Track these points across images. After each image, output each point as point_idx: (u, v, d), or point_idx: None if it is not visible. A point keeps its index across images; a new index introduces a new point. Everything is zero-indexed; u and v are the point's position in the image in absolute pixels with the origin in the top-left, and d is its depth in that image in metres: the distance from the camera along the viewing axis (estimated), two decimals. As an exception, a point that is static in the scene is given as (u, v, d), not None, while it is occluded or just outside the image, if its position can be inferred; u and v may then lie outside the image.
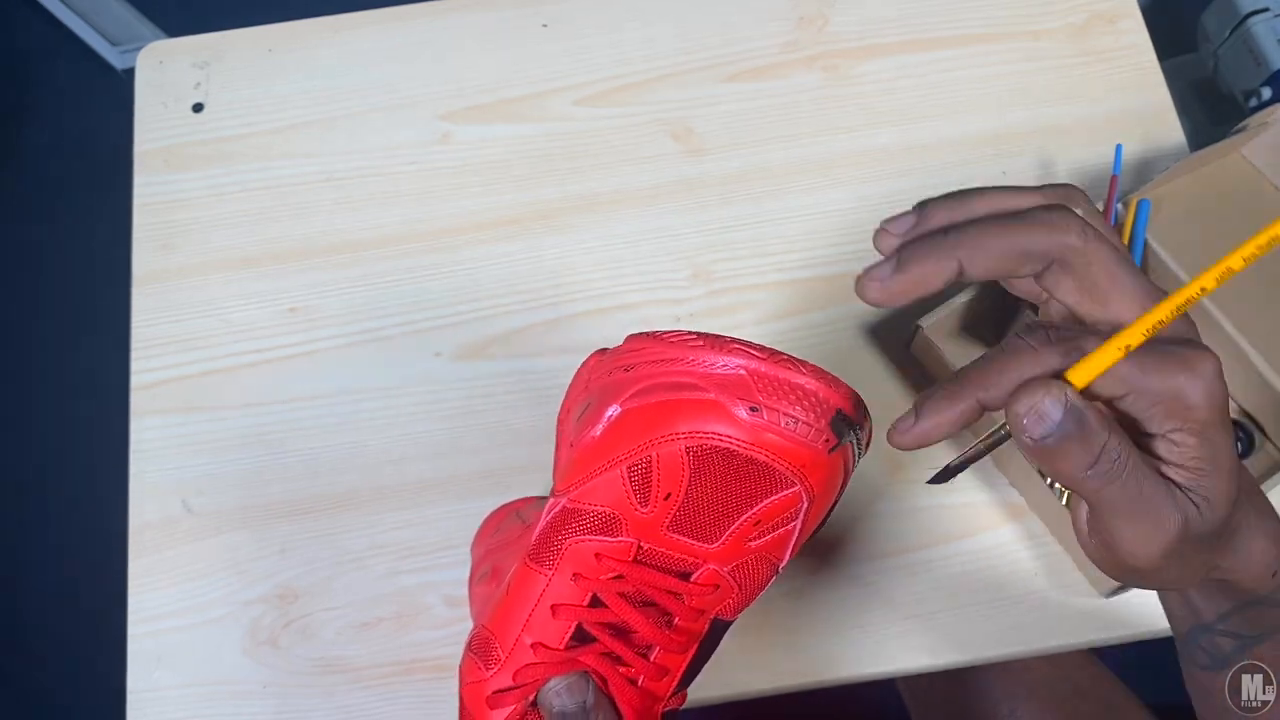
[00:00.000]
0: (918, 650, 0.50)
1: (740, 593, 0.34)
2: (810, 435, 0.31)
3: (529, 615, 0.35)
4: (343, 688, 0.50)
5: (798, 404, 0.31)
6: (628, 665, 0.34)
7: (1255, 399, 0.52)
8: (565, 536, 0.34)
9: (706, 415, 0.31)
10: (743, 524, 0.32)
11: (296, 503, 0.54)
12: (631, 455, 0.33)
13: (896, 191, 0.59)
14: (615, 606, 0.34)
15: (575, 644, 0.34)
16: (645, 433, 0.32)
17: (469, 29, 0.64)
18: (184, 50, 0.65)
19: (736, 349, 0.32)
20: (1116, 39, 0.62)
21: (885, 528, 0.52)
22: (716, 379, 0.31)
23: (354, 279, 0.58)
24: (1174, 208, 0.56)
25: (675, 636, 0.34)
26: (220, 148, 0.62)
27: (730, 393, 0.31)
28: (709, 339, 0.33)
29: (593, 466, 0.34)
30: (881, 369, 0.55)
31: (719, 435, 0.31)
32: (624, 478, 0.33)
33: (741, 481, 0.31)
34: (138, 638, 0.52)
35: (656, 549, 0.33)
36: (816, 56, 0.63)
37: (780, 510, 0.32)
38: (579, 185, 0.60)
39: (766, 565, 0.34)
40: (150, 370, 0.57)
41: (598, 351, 0.38)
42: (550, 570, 0.34)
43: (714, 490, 0.32)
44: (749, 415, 0.31)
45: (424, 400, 0.55)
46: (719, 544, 0.33)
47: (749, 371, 0.31)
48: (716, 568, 0.33)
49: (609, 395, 0.35)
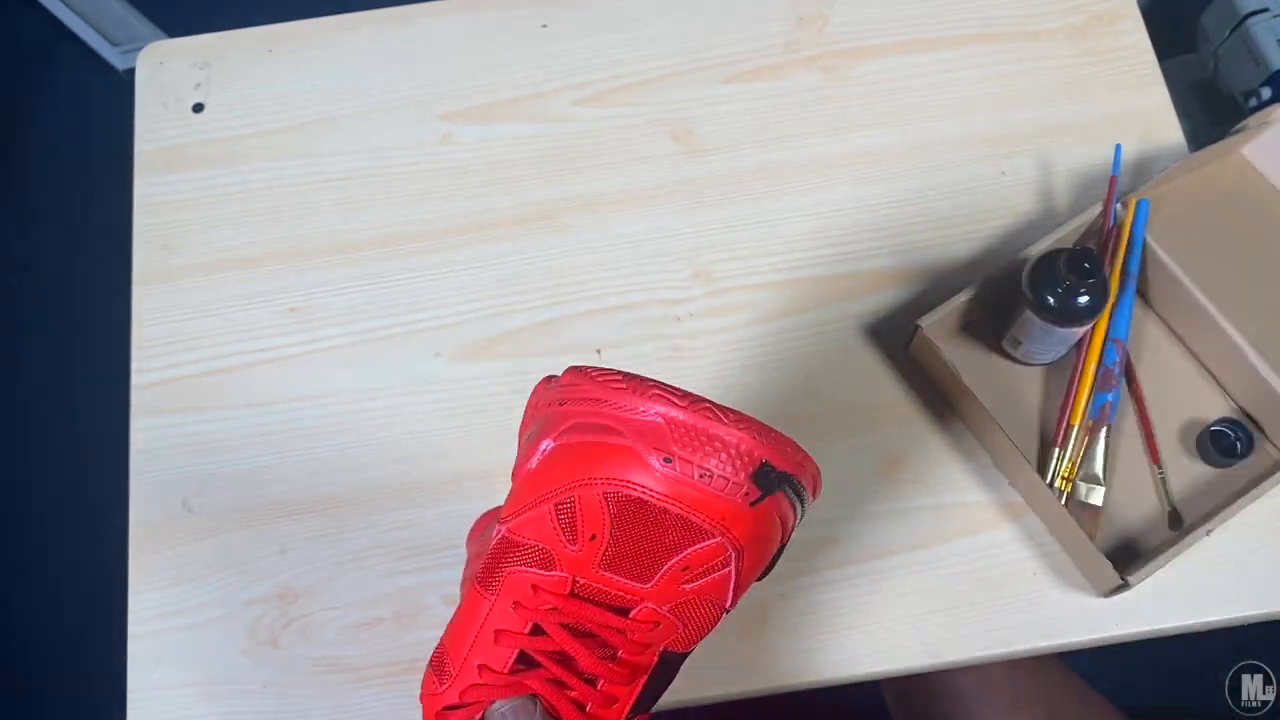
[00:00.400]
0: (917, 650, 0.50)
1: (685, 629, 0.34)
2: (726, 489, 0.30)
3: (475, 637, 0.35)
4: (343, 688, 0.50)
5: (713, 455, 0.30)
6: (572, 689, 0.34)
7: (1255, 399, 0.52)
8: (505, 565, 0.34)
9: (622, 463, 0.31)
10: (671, 568, 0.32)
11: (296, 503, 0.54)
12: (558, 494, 0.32)
13: (896, 192, 0.59)
14: (556, 636, 0.33)
15: (520, 668, 0.34)
16: (569, 474, 0.32)
17: (469, 29, 0.64)
18: (184, 50, 0.65)
19: (657, 395, 0.31)
20: (1116, 39, 0.62)
21: (881, 527, 0.52)
22: (635, 425, 0.31)
23: (354, 279, 0.58)
24: (1173, 208, 0.56)
25: (619, 669, 0.34)
26: (220, 148, 0.62)
27: (646, 441, 0.30)
28: (632, 382, 0.32)
29: (527, 499, 0.34)
30: (881, 369, 0.55)
31: (633, 484, 0.30)
32: (552, 515, 0.32)
33: (661, 530, 0.31)
34: (138, 638, 0.52)
35: (591, 584, 0.33)
36: (816, 57, 0.63)
37: (707, 559, 0.31)
38: (579, 185, 0.60)
39: (709, 606, 0.33)
40: (151, 370, 0.57)
41: (546, 378, 0.37)
42: (493, 596, 0.34)
43: (637, 535, 0.31)
44: (662, 466, 0.30)
45: (424, 400, 0.55)
46: (652, 584, 0.32)
47: (665, 420, 0.30)
48: (654, 606, 0.33)
49: (546, 428, 0.34)
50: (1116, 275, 0.52)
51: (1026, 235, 0.57)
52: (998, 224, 0.58)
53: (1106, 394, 0.51)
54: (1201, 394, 0.54)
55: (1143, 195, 0.53)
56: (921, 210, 0.59)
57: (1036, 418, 0.54)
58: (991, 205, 0.59)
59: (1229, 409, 0.53)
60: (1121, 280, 0.52)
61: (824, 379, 0.55)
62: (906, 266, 0.57)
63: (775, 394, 0.55)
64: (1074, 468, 0.51)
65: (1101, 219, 0.53)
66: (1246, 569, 0.50)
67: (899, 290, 0.57)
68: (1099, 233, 0.54)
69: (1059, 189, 0.59)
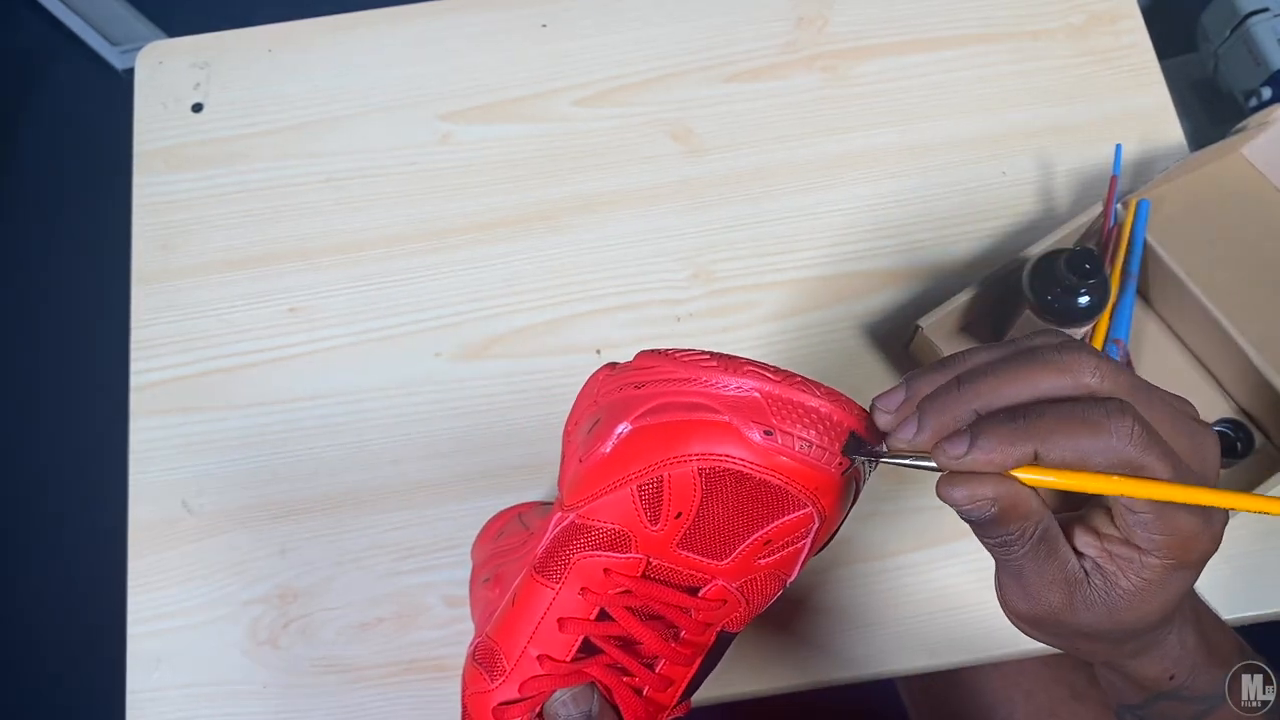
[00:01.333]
0: (918, 650, 0.50)
1: (747, 606, 0.34)
2: (824, 458, 0.31)
3: (535, 628, 0.35)
4: (343, 688, 0.50)
5: (811, 427, 0.30)
6: (633, 675, 0.35)
7: (1255, 399, 0.52)
8: (573, 551, 0.34)
9: (720, 437, 0.31)
10: (753, 542, 0.32)
11: (296, 503, 0.54)
12: (643, 475, 0.32)
13: (896, 192, 0.59)
14: (622, 620, 0.34)
15: (581, 656, 0.34)
16: (657, 453, 0.32)
17: (469, 29, 0.64)
18: (184, 50, 0.65)
19: (750, 370, 0.32)
20: (1116, 39, 0.62)
21: (887, 528, 0.52)
22: (730, 400, 0.31)
23: (354, 279, 0.58)
24: (1174, 207, 0.56)
25: (681, 649, 0.34)
26: (220, 148, 0.62)
27: (744, 415, 0.31)
28: (722, 359, 0.33)
29: (602, 484, 0.34)
30: (881, 369, 0.55)
31: (732, 458, 0.31)
32: (634, 496, 0.33)
33: (754, 503, 0.31)
34: (138, 638, 0.52)
35: (665, 565, 0.33)
36: (816, 57, 0.63)
37: (792, 530, 0.32)
38: (579, 185, 0.60)
39: (775, 581, 0.34)
40: (150, 370, 0.57)
41: (607, 365, 0.38)
42: (557, 584, 0.34)
43: (726, 510, 0.32)
44: (762, 438, 0.30)
45: (424, 400, 0.55)
46: (729, 561, 0.33)
47: (763, 394, 0.31)
48: (725, 583, 0.33)
49: (618, 412, 0.34)
50: (1117, 275, 0.52)
51: (1027, 235, 0.57)
52: (998, 224, 0.58)
53: (1107, 394, 0.51)
54: (1201, 394, 0.54)
55: (1143, 195, 0.53)
56: (921, 210, 0.59)
57: (1037, 418, 0.53)
58: (991, 205, 0.59)
59: (1229, 409, 0.53)
60: (1122, 280, 0.52)
61: (824, 379, 0.54)
62: (906, 266, 0.57)
63: (775, 394, 0.55)
64: (1074, 468, 0.51)
65: (1102, 219, 0.53)
66: (1246, 569, 0.50)
67: (899, 290, 0.57)
68: (1099, 233, 0.54)
69: (1059, 189, 0.59)
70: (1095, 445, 0.25)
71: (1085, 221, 0.53)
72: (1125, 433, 0.25)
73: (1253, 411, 0.53)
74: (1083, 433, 0.25)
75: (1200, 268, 0.52)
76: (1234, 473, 0.52)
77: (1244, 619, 0.50)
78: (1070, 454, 0.26)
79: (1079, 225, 0.53)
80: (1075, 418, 0.26)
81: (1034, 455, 0.26)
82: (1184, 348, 0.55)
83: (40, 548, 1.25)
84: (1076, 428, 0.26)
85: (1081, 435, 0.25)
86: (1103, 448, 0.25)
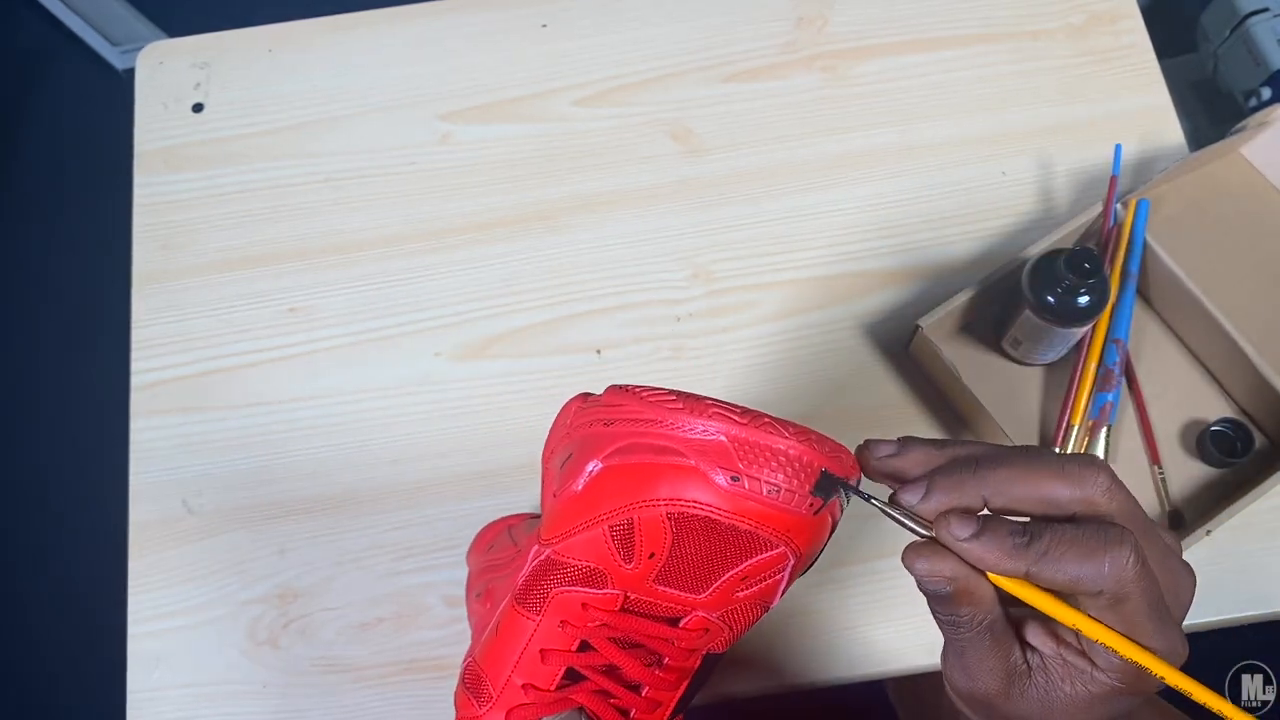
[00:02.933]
0: (918, 651, 0.50)
1: (730, 631, 0.34)
2: (794, 501, 0.30)
3: (519, 657, 0.35)
4: (343, 688, 0.50)
5: (780, 470, 0.30)
6: (617, 698, 0.34)
7: (1255, 399, 0.52)
8: (550, 586, 0.34)
9: (686, 482, 0.30)
10: (730, 578, 0.32)
11: (296, 503, 0.54)
12: (614, 516, 0.32)
13: (896, 192, 0.59)
14: (604, 650, 0.33)
15: (566, 683, 0.34)
16: (626, 495, 0.32)
17: (469, 29, 0.64)
18: (184, 50, 0.65)
19: (716, 413, 0.31)
20: (1116, 39, 0.62)
21: (882, 528, 0.52)
22: (696, 445, 0.31)
23: (354, 279, 0.58)
24: (1174, 208, 0.56)
25: (666, 675, 0.34)
26: (220, 148, 0.62)
27: (710, 460, 0.30)
28: (688, 400, 0.32)
29: (575, 522, 0.33)
30: (881, 369, 0.55)
31: (699, 504, 0.30)
32: (607, 536, 0.32)
33: (725, 545, 0.31)
34: (138, 638, 0.52)
35: (644, 599, 0.33)
36: (815, 57, 0.63)
37: (768, 566, 0.32)
38: (579, 185, 0.60)
39: (757, 608, 0.34)
40: (150, 370, 0.57)
41: (579, 396, 0.37)
42: (537, 615, 0.34)
43: (698, 552, 0.31)
44: (729, 484, 0.30)
45: (424, 400, 0.55)
46: (707, 594, 0.32)
47: (729, 437, 0.30)
48: (706, 614, 0.33)
49: (589, 448, 0.34)
50: (1117, 275, 0.52)
51: (1026, 235, 0.57)
52: (998, 224, 0.58)
53: (1107, 394, 0.51)
54: (1201, 394, 0.54)
55: (1143, 195, 0.53)
56: (921, 210, 0.59)
57: (1036, 418, 0.54)
58: (991, 205, 0.58)
59: (1229, 409, 0.53)
60: (1122, 280, 0.52)
61: (824, 379, 0.55)
62: (906, 266, 0.57)
63: (776, 394, 0.55)
64: (1074, 468, 0.51)
65: (1102, 219, 0.53)
66: (1246, 569, 0.50)
67: (899, 290, 0.57)
68: (1099, 233, 0.54)
69: (1059, 189, 0.59)
70: (1086, 571, 0.26)
71: (1085, 221, 0.53)
72: (1120, 563, 0.26)
73: (1253, 411, 0.53)
74: (1079, 559, 0.26)
75: (1200, 268, 0.52)
76: (1234, 473, 0.52)
77: (1244, 619, 0.50)
78: (1061, 577, 0.26)
79: (1079, 225, 0.53)
80: (1076, 543, 0.26)
81: (1025, 572, 0.27)
82: (1184, 348, 0.55)
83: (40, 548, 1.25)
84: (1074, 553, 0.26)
85: (1077, 562, 0.26)
86: (1093, 574, 0.26)
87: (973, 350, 0.55)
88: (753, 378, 0.55)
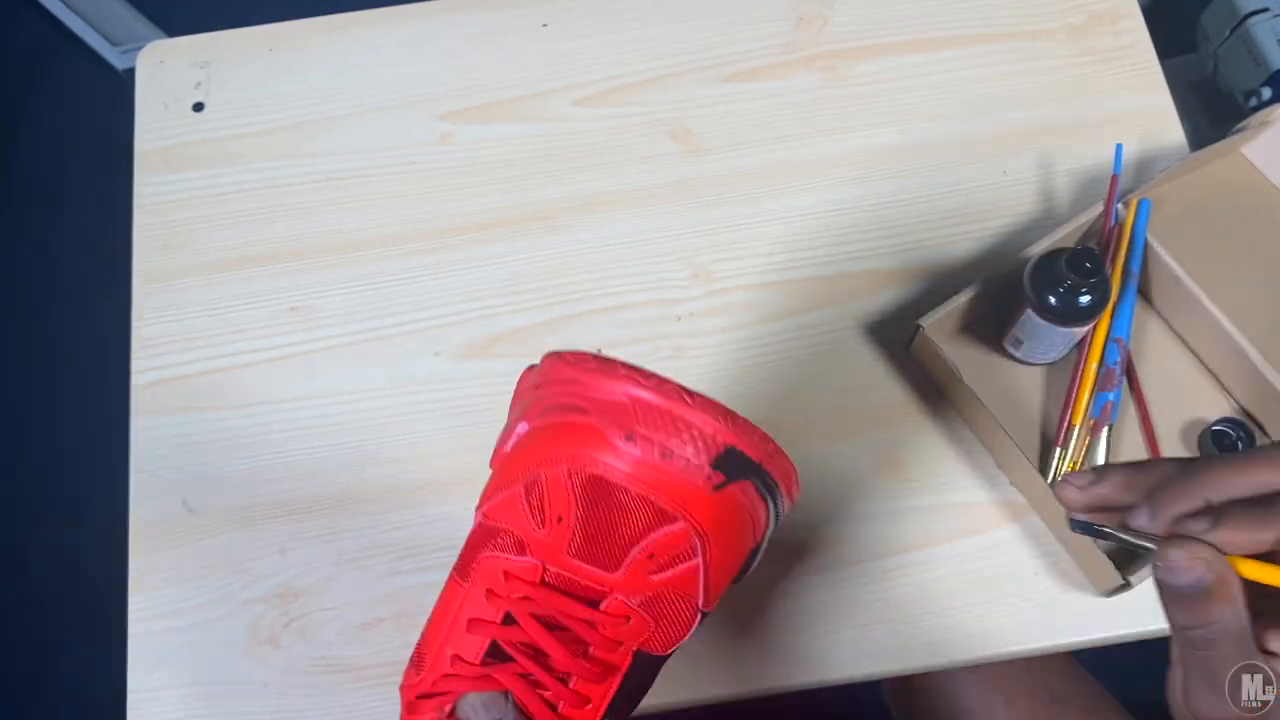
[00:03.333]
0: (918, 650, 0.49)
1: (658, 627, 0.33)
2: (687, 470, 0.30)
3: (449, 627, 0.34)
4: (343, 688, 0.50)
5: (675, 435, 0.30)
6: (545, 689, 0.34)
7: (1256, 399, 0.52)
8: (478, 551, 0.34)
9: (587, 441, 0.31)
10: (638, 555, 0.32)
11: (296, 503, 0.54)
12: (527, 475, 0.32)
13: (896, 192, 0.59)
14: (528, 627, 0.33)
15: (491, 660, 0.34)
16: (538, 454, 0.32)
17: (468, 29, 0.64)
18: (184, 50, 0.65)
19: (625, 376, 0.31)
20: (1116, 39, 0.62)
21: (882, 527, 0.52)
22: (602, 404, 0.31)
23: (354, 279, 0.58)
24: (1174, 207, 0.56)
25: (591, 666, 0.33)
26: (220, 148, 0.62)
27: (610, 419, 0.30)
28: (602, 363, 0.32)
29: (500, 482, 0.34)
30: (882, 369, 0.55)
31: (596, 462, 0.30)
32: (522, 497, 0.32)
33: (626, 511, 0.31)
34: (138, 638, 0.52)
35: (562, 573, 0.33)
36: (815, 57, 0.63)
37: (671, 545, 0.31)
38: (579, 185, 0.60)
39: (681, 602, 0.33)
40: (150, 370, 0.57)
41: (529, 366, 0.38)
42: (468, 584, 0.34)
43: (602, 518, 0.31)
44: (625, 444, 0.30)
45: (424, 400, 0.55)
46: (620, 573, 0.32)
47: (631, 399, 0.30)
48: (624, 598, 0.32)
49: (524, 413, 0.34)
50: (1118, 275, 0.52)
51: (1027, 235, 0.57)
52: (998, 223, 0.58)
53: (1108, 393, 0.51)
54: (1202, 394, 0.54)
55: (1144, 195, 0.53)
56: (922, 210, 0.59)
57: (1038, 417, 0.54)
58: (992, 205, 0.58)
59: (1229, 409, 0.53)
60: (1123, 280, 0.52)
61: (824, 379, 0.55)
62: (907, 266, 0.57)
63: (776, 394, 0.55)
64: (1075, 467, 0.51)
65: (1102, 218, 0.53)
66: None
67: (899, 290, 0.57)
68: (1100, 232, 0.54)
69: (1060, 189, 0.59)
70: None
71: (1086, 221, 0.53)
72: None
73: (1253, 411, 0.53)
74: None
75: (1201, 267, 0.52)
76: (1234, 472, 0.52)
77: (1244, 619, 0.50)
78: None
79: (1080, 225, 0.53)
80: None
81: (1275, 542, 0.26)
82: (1185, 347, 0.55)
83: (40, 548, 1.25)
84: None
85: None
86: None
87: (974, 350, 0.55)
88: (753, 378, 0.55)
